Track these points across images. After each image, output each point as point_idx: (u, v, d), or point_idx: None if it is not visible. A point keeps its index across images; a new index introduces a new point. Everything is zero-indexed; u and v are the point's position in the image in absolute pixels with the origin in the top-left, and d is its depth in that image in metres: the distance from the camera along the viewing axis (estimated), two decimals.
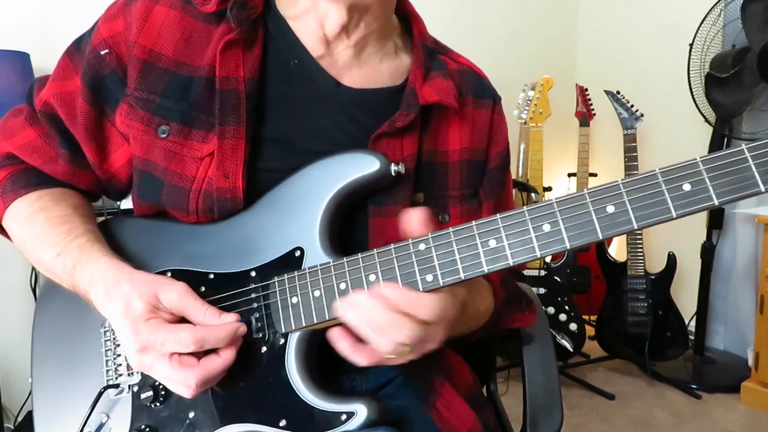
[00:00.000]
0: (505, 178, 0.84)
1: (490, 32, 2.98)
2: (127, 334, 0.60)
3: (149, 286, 0.62)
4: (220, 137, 0.67)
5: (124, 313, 0.60)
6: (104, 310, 0.63)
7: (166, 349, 0.58)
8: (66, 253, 0.67)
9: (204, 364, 0.60)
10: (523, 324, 0.87)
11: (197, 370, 0.59)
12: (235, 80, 0.68)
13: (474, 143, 0.78)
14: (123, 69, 0.70)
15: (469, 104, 0.79)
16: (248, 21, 0.69)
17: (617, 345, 2.52)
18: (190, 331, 0.59)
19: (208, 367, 0.60)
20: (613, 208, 0.53)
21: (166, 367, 0.59)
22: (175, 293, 0.61)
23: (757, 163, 0.49)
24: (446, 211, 0.75)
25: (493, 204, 0.80)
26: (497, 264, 0.57)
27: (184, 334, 0.59)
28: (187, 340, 0.58)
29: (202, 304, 0.62)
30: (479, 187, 0.80)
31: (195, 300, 0.62)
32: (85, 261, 0.66)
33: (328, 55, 0.73)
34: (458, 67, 0.81)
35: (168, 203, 0.70)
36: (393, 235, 0.68)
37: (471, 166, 0.78)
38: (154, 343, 0.58)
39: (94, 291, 0.64)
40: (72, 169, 0.75)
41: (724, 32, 2.32)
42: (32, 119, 0.75)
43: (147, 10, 0.70)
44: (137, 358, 0.60)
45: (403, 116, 0.70)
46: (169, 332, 0.59)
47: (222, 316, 0.62)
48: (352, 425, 0.61)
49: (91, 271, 0.65)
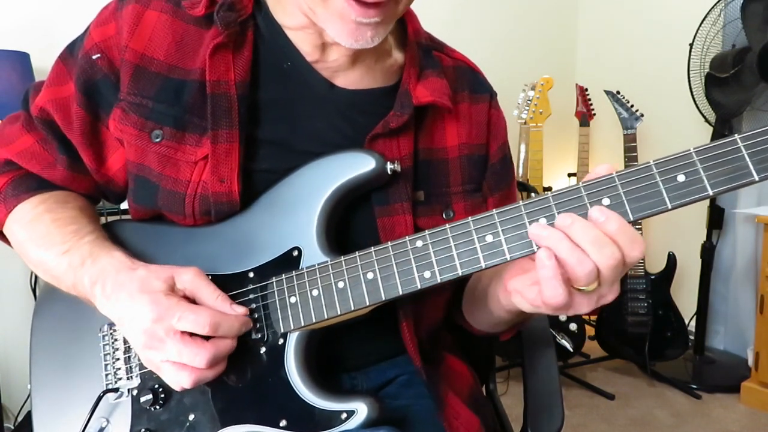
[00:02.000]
0: (509, 170, 0.83)
1: (490, 32, 2.98)
2: (144, 306, 0.60)
3: (164, 270, 0.63)
4: (213, 142, 0.67)
5: (140, 289, 0.61)
6: (115, 297, 0.62)
7: (181, 325, 0.59)
8: (75, 249, 0.67)
9: (215, 342, 0.60)
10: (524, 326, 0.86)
11: (209, 346, 0.59)
12: (226, 84, 0.68)
13: (472, 138, 0.78)
14: (115, 73, 0.70)
15: (466, 100, 0.79)
16: (236, 23, 0.69)
17: (617, 345, 2.52)
18: (208, 314, 0.60)
19: (219, 346, 0.60)
20: (609, 200, 0.53)
21: (178, 341, 0.59)
22: (189, 274, 0.63)
23: (750, 153, 0.50)
24: (450, 207, 0.75)
25: (499, 197, 0.80)
26: (495, 259, 0.57)
27: (202, 315, 0.59)
28: (204, 321, 0.59)
29: (215, 289, 0.63)
30: (482, 182, 0.80)
31: (208, 284, 0.63)
32: (97, 255, 0.66)
33: (323, 60, 0.73)
34: (453, 63, 0.81)
35: (164, 207, 0.70)
36: (403, 231, 0.69)
37: (471, 161, 0.78)
38: (172, 317, 0.59)
39: (101, 284, 0.64)
40: (70, 174, 0.75)
41: (724, 32, 2.32)
42: (29, 125, 0.75)
43: (138, 15, 0.70)
44: (150, 328, 0.59)
45: (397, 117, 0.70)
46: (186, 309, 0.60)
47: (233, 306, 0.63)
48: (353, 424, 0.61)
49: (102, 265, 0.65)
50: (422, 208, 0.72)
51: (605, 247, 0.51)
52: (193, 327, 0.59)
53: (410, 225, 0.70)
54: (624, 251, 0.52)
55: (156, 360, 0.61)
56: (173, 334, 0.59)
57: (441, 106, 0.74)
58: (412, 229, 0.70)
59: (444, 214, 0.75)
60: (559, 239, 0.52)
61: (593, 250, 0.51)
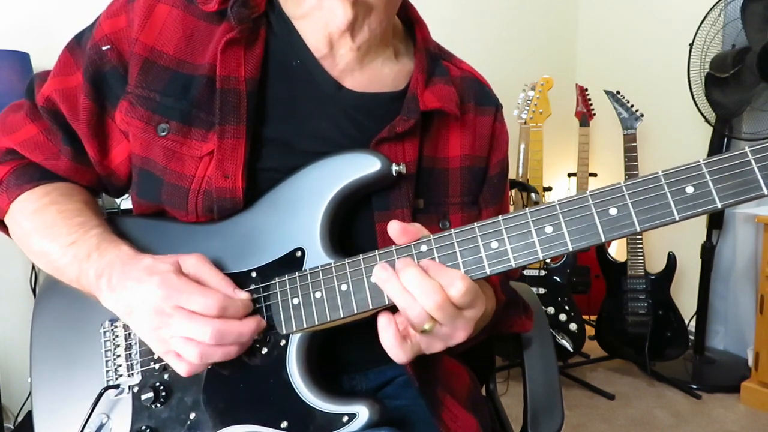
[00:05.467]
0: (504, 186, 0.84)
1: (490, 32, 2.98)
2: (153, 285, 0.60)
3: (169, 256, 0.63)
4: (220, 137, 0.67)
5: (149, 273, 0.61)
6: (118, 290, 0.62)
7: (189, 304, 0.59)
8: (81, 242, 0.67)
9: (223, 320, 0.60)
10: (520, 329, 0.86)
11: (216, 322, 0.59)
12: (236, 79, 0.68)
13: (475, 150, 0.78)
14: (124, 66, 0.70)
15: (471, 111, 0.79)
16: (249, 20, 0.69)
17: (617, 345, 2.52)
18: (216, 296, 0.60)
19: (226, 324, 0.60)
20: (616, 210, 0.53)
21: (185, 317, 0.59)
22: (193, 259, 0.63)
23: (760, 166, 0.49)
24: (447, 218, 0.75)
25: (493, 212, 0.80)
26: (500, 266, 0.57)
27: (211, 297, 0.59)
28: (213, 303, 0.59)
29: (218, 272, 0.63)
30: (479, 195, 0.80)
31: (211, 268, 0.64)
32: (104, 249, 0.66)
33: (331, 56, 0.73)
34: (461, 74, 0.81)
35: (167, 202, 0.70)
36: None
37: (472, 173, 0.78)
38: (180, 295, 0.59)
39: (107, 277, 0.64)
40: (74, 165, 0.75)
41: (724, 32, 2.31)
42: (33, 115, 0.75)
43: (149, 8, 0.70)
44: (159, 306, 0.59)
45: (404, 121, 0.70)
46: (196, 290, 0.60)
47: (236, 290, 0.63)
48: (354, 427, 0.61)
49: (109, 258, 0.65)
50: (420, 216, 0.72)
51: (433, 294, 0.55)
52: (201, 308, 0.59)
53: None
54: (447, 291, 0.55)
55: (165, 336, 0.60)
56: (181, 310, 0.59)
57: (448, 112, 0.74)
58: None
59: (440, 223, 0.75)
60: (393, 284, 0.57)
61: (418, 292, 0.55)
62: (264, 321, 0.64)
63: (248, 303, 0.63)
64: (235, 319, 0.61)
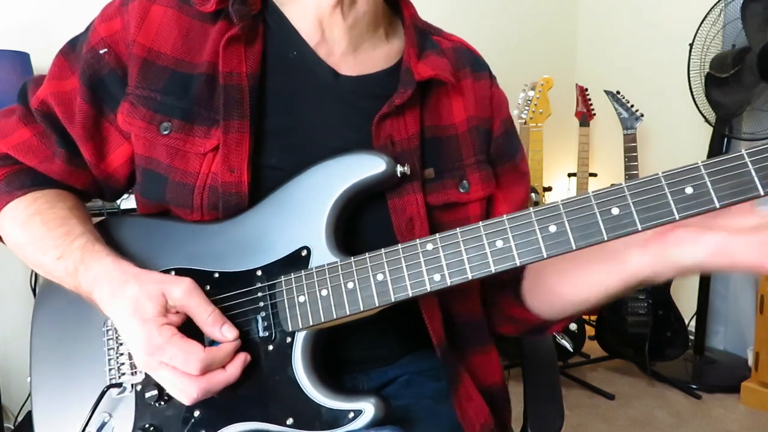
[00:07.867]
0: (512, 142, 0.83)
1: (489, 32, 2.98)
2: (137, 335, 0.60)
3: (156, 285, 0.62)
4: (225, 132, 0.68)
5: (132, 313, 0.60)
6: (109, 310, 0.63)
7: (173, 363, 0.59)
8: (67, 255, 0.67)
9: (209, 377, 0.60)
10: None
11: (201, 381, 0.59)
12: (238, 75, 0.69)
13: (479, 111, 0.79)
14: (122, 68, 0.71)
15: (468, 77, 0.80)
16: (249, 17, 0.70)
17: (617, 345, 2.52)
18: (198, 358, 0.59)
19: (212, 380, 0.60)
20: (618, 210, 0.54)
21: (170, 373, 0.59)
22: (180, 290, 0.61)
23: (756, 168, 0.50)
24: (465, 179, 0.76)
25: (507, 169, 0.81)
26: (504, 264, 0.58)
27: (192, 360, 0.59)
28: (194, 366, 0.59)
29: (207, 305, 0.62)
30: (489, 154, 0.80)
31: (200, 300, 0.62)
32: (88, 262, 0.65)
33: (324, 42, 0.74)
34: (452, 45, 0.82)
35: (172, 200, 0.70)
36: (414, 210, 0.69)
37: (480, 133, 0.79)
38: (163, 355, 0.59)
39: (98, 292, 0.64)
40: (68, 168, 0.75)
41: (724, 32, 2.32)
42: (27, 119, 0.75)
43: (144, 10, 0.71)
44: (144, 359, 0.60)
45: (401, 93, 0.71)
46: (180, 350, 0.59)
47: (223, 329, 0.62)
48: (359, 424, 0.61)
49: (94, 272, 0.64)
50: (433, 184, 0.73)
51: None
52: (184, 367, 0.59)
53: (421, 203, 0.71)
54: None
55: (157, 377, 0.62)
56: (165, 366, 0.59)
57: (444, 80, 0.74)
58: (423, 208, 0.70)
59: (460, 187, 0.75)
60: None
61: None
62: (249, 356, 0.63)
63: (235, 344, 0.63)
64: (220, 370, 0.61)
